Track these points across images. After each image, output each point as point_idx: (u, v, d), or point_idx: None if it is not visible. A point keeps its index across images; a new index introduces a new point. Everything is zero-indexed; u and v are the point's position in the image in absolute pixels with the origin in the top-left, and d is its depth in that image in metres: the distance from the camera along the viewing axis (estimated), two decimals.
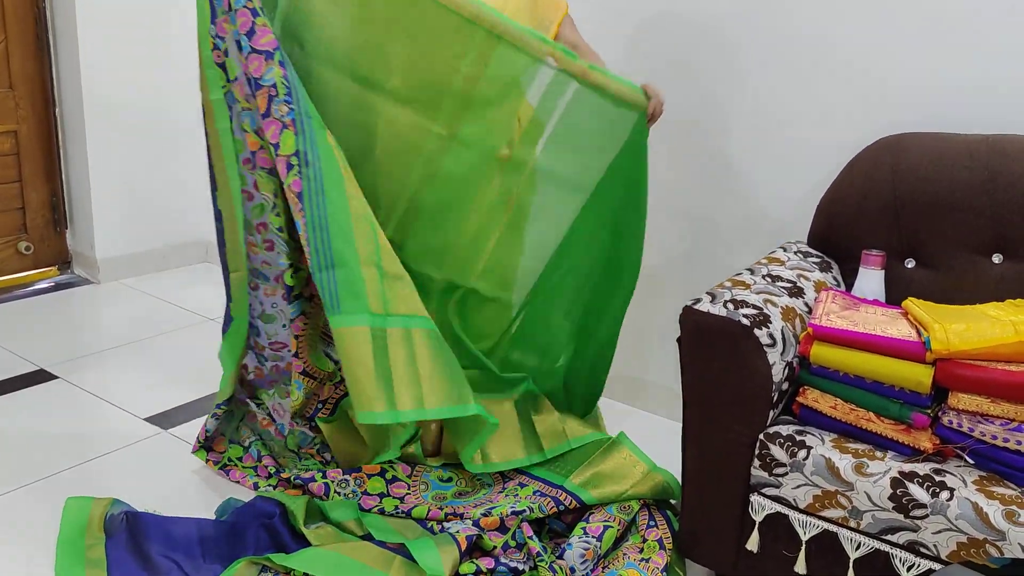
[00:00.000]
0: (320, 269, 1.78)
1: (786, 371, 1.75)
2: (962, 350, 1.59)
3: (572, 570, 1.84)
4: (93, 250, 3.50)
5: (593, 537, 1.91)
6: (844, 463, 1.63)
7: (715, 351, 1.73)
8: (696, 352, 1.77)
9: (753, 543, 1.75)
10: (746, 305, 1.75)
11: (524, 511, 1.97)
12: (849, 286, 2.07)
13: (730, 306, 1.73)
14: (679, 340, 1.79)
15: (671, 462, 2.02)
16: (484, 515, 1.96)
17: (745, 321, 1.70)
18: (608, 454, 2.17)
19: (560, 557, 1.87)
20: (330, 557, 1.79)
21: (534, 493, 2.04)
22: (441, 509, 2.00)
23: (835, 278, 2.08)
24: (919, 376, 1.63)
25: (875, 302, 1.90)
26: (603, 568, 1.89)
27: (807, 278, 1.97)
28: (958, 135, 2.02)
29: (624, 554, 1.92)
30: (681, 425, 1.83)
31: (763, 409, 1.73)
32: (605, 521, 1.95)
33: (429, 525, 1.96)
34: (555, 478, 2.11)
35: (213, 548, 1.89)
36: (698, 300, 1.77)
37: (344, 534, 1.94)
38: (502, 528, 1.94)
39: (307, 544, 1.87)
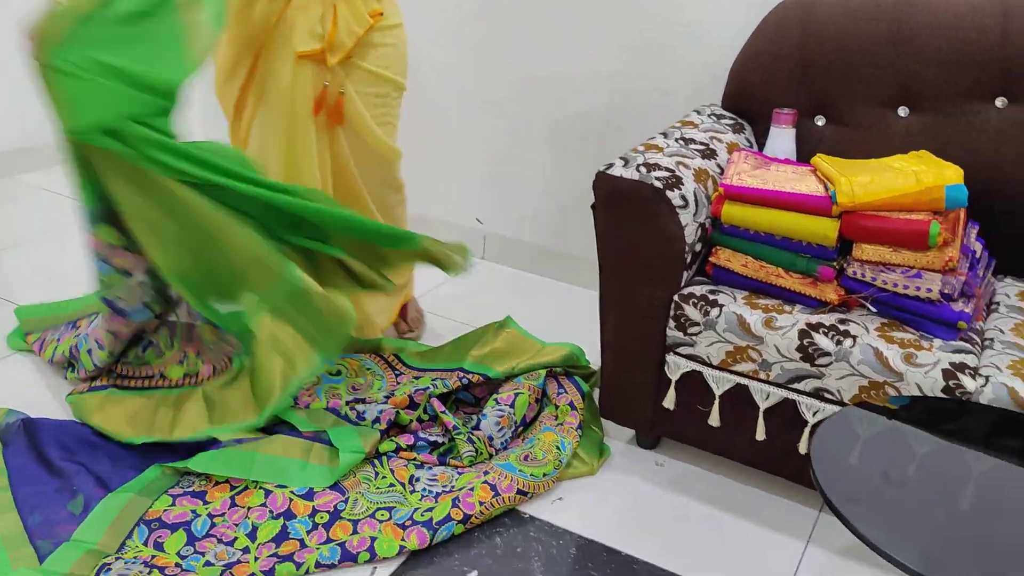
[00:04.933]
0: None
1: (699, 232, 1.76)
2: (866, 201, 1.62)
3: (490, 438, 1.88)
4: None
5: (506, 405, 1.94)
6: (755, 319, 1.67)
7: (628, 215, 1.73)
8: (610, 217, 1.76)
9: (669, 401, 1.81)
10: (659, 168, 1.74)
11: (428, 388, 1.99)
12: (762, 146, 2.07)
13: (642, 169, 1.72)
14: (593, 207, 1.78)
15: (592, 331, 2.04)
16: (388, 396, 1.97)
17: (657, 184, 1.69)
18: (499, 334, 2.22)
19: (476, 428, 1.90)
20: (246, 456, 1.78)
21: (433, 381, 2.05)
22: (340, 398, 1.98)
23: (748, 139, 2.08)
24: (825, 230, 1.66)
25: (786, 160, 1.91)
26: (523, 439, 1.93)
27: (720, 140, 1.96)
28: None
29: (541, 422, 1.97)
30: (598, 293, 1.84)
31: (677, 271, 1.74)
32: (515, 389, 1.98)
33: (343, 413, 1.94)
34: (451, 364, 2.13)
35: (116, 451, 1.84)
36: (611, 165, 1.75)
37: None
38: (412, 405, 1.96)
39: (217, 444, 1.82)
